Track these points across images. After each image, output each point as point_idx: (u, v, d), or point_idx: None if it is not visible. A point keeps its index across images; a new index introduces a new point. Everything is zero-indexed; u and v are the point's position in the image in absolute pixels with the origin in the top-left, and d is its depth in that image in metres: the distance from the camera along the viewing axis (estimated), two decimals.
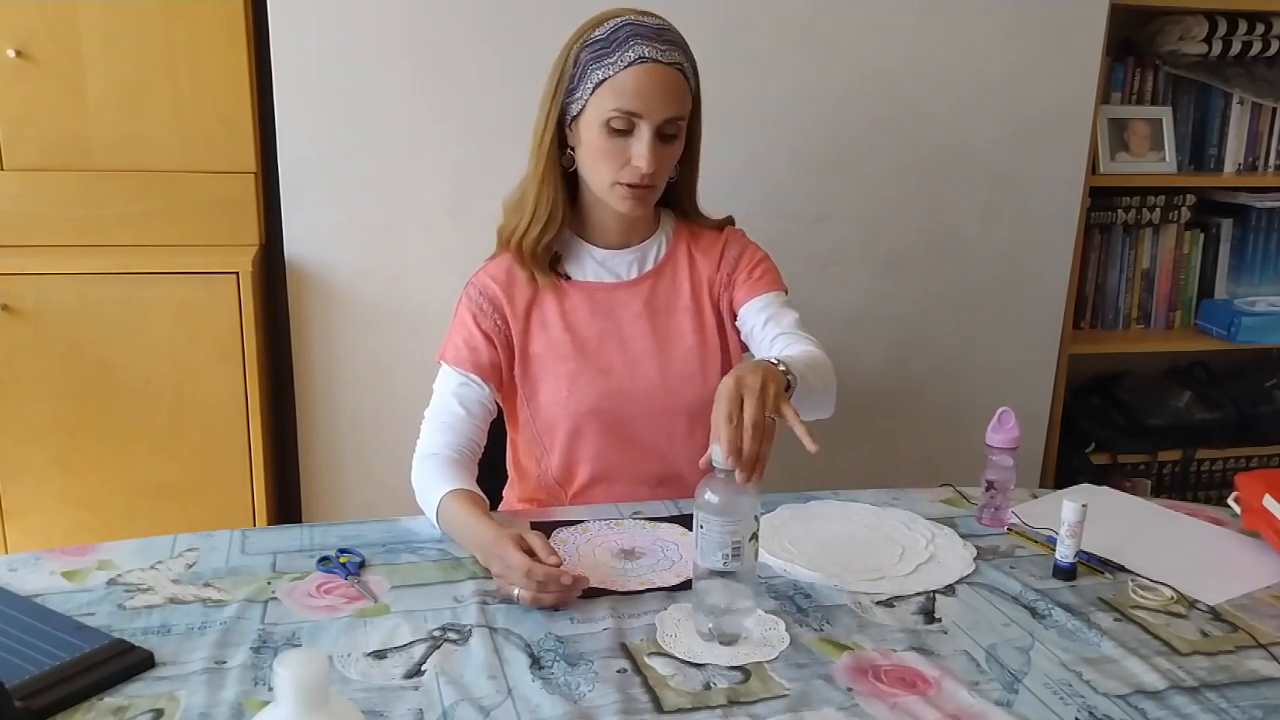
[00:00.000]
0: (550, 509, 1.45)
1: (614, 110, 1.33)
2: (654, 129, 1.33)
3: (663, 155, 1.36)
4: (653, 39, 1.33)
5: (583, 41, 1.36)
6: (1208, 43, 2.39)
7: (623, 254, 1.48)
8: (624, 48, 1.32)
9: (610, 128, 1.34)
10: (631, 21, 1.34)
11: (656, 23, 1.36)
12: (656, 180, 1.38)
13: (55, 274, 1.88)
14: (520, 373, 1.45)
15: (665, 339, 1.47)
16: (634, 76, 1.32)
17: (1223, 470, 2.65)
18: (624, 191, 1.37)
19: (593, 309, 1.46)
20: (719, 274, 1.50)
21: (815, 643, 1.10)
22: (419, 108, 1.99)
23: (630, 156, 1.35)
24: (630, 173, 1.35)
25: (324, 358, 2.07)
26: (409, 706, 0.97)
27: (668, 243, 1.51)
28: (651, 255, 1.50)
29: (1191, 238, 2.59)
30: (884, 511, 1.42)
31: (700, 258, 1.51)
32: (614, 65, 1.32)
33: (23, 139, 1.93)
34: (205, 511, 1.98)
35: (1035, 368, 2.39)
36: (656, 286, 1.48)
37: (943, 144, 2.21)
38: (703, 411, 1.44)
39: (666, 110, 1.33)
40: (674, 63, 1.34)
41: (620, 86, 1.32)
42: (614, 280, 1.47)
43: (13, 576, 1.18)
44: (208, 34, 1.92)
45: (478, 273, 1.48)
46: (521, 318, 1.44)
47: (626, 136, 1.34)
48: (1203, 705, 1.01)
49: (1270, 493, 1.33)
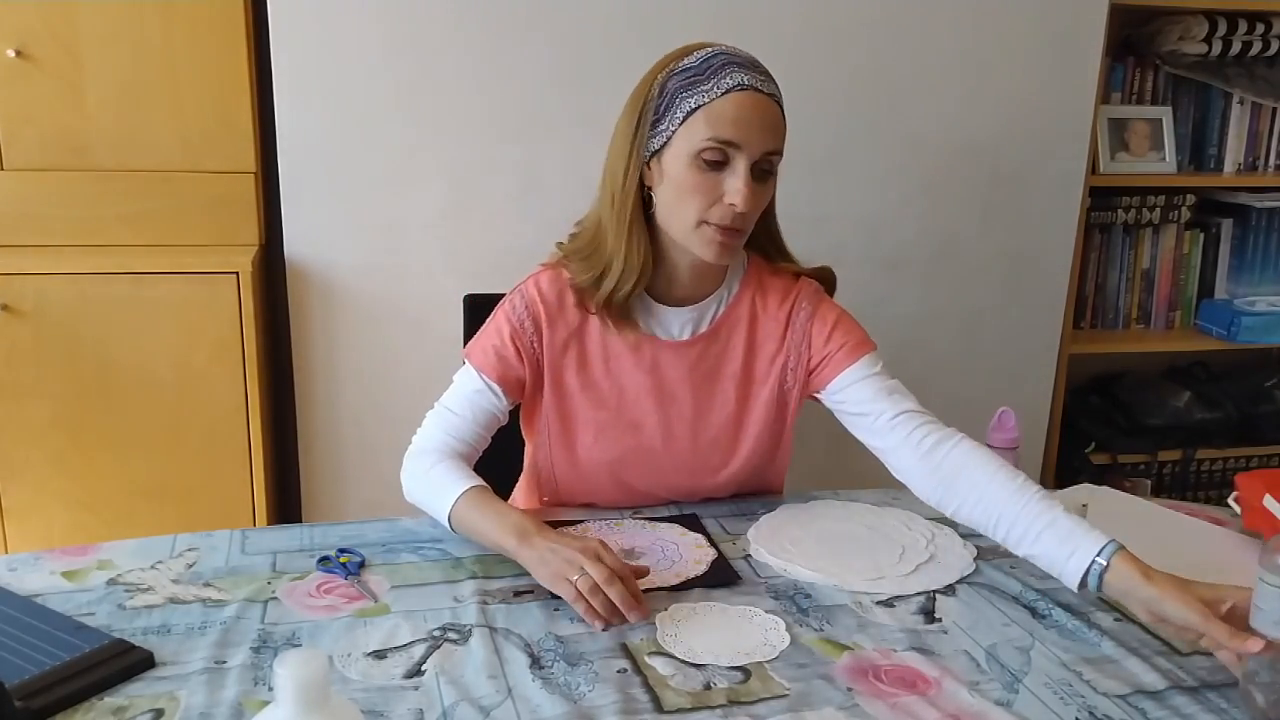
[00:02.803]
0: (550, 509, 1.45)
1: (709, 140, 1.21)
2: (750, 162, 1.22)
3: (758, 195, 1.25)
4: (750, 68, 1.24)
5: (669, 70, 1.25)
6: (1208, 43, 2.39)
7: (679, 312, 1.36)
8: (720, 74, 1.22)
9: (702, 160, 1.22)
10: (725, 51, 1.25)
11: (749, 56, 1.27)
12: (747, 224, 1.27)
13: (55, 274, 1.89)
14: (551, 401, 1.37)
15: (706, 405, 1.38)
16: (733, 103, 1.21)
17: (1223, 470, 2.65)
18: (712, 234, 1.25)
19: (636, 362, 1.36)
20: (784, 348, 1.38)
21: (815, 643, 1.10)
22: (419, 108, 1.99)
23: (724, 193, 1.23)
24: (722, 211, 1.24)
25: (324, 358, 2.07)
26: (409, 706, 0.97)
27: (729, 300, 1.38)
28: (709, 315, 1.38)
29: (1191, 238, 2.59)
30: (884, 511, 1.42)
31: (764, 321, 1.39)
32: (710, 92, 1.21)
33: (23, 139, 1.93)
34: (205, 511, 1.98)
35: (1035, 368, 2.39)
36: (707, 351, 1.38)
37: (943, 144, 2.21)
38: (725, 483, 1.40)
39: (765, 143, 1.23)
40: (772, 94, 1.25)
41: (717, 114, 1.21)
42: (665, 338, 1.37)
43: (13, 576, 1.17)
44: (208, 34, 1.92)
45: (530, 280, 1.37)
46: (559, 347, 1.35)
47: (719, 171, 1.23)
48: (1203, 705, 1.01)
49: (1270, 493, 1.33)
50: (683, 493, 1.43)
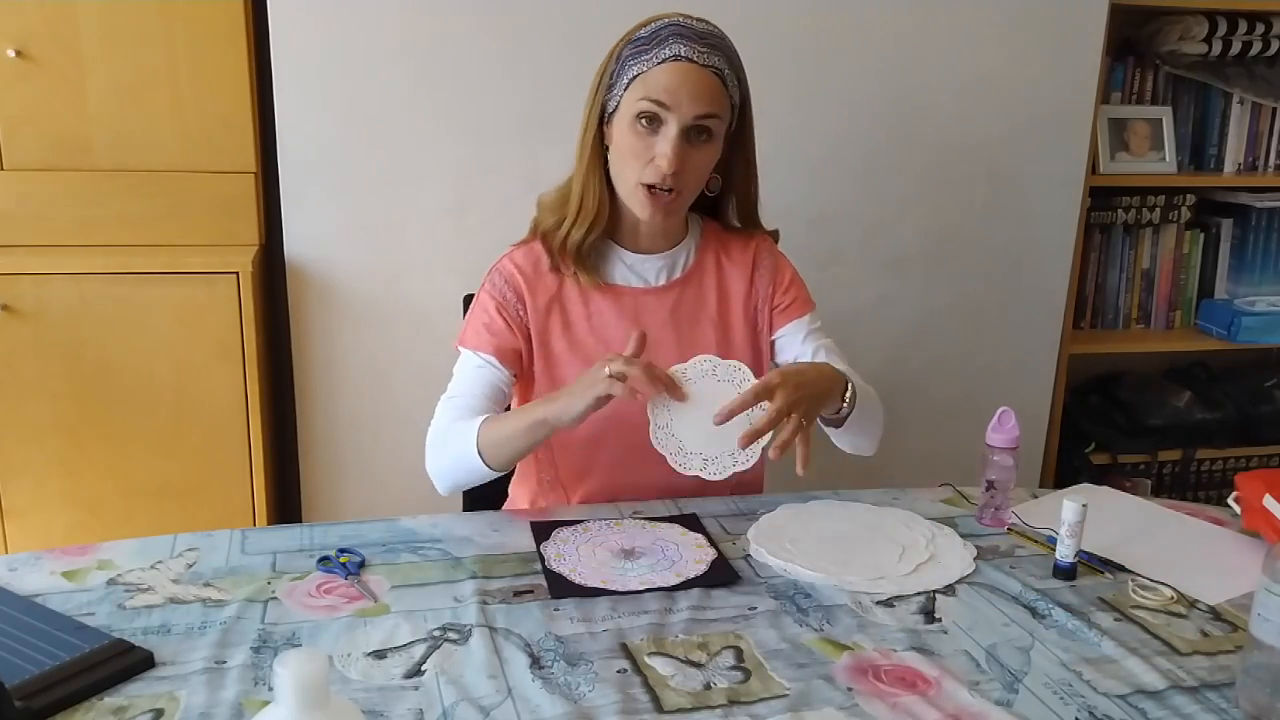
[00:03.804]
0: (551, 509, 1.45)
1: (641, 102, 1.31)
2: (681, 126, 1.30)
3: (689, 158, 1.33)
4: (693, 40, 1.31)
5: (627, 39, 1.35)
6: (1208, 43, 2.39)
7: (651, 259, 1.46)
8: (662, 45, 1.31)
9: (639, 124, 1.32)
10: (676, 23, 1.33)
11: (703, 27, 1.34)
12: (680, 185, 1.34)
13: (55, 274, 1.88)
14: (541, 368, 1.44)
15: (689, 349, 1.40)
16: (666, 72, 1.30)
17: (1223, 470, 2.65)
18: (645, 194, 1.35)
19: (619, 312, 1.44)
20: (754, 288, 1.50)
21: (815, 643, 1.10)
22: (419, 108, 1.99)
23: (654, 155, 1.32)
24: (652, 171, 1.33)
25: (324, 358, 2.07)
26: (409, 706, 0.97)
27: (696, 250, 1.49)
28: (680, 262, 1.48)
29: (1191, 238, 2.59)
30: (884, 511, 1.42)
31: (730, 268, 1.49)
32: (649, 61, 1.31)
33: (23, 139, 1.93)
34: (205, 511, 1.98)
35: (1035, 367, 2.39)
36: (683, 295, 1.47)
37: (942, 144, 2.21)
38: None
39: (695, 108, 1.30)
40: (711, 65, 1.31)
41: (652, 81, 1.30)
42: (642, 285, 1.46)
43: (13, 576, 1.18)
44: (208, 34, 1.92)
45: (503, 259, 1.46)
46: (542, 311, 1.43)
47: (654, 134, 1.32)
48: (1203, 705, 1.01)
49: (1270, 493, 1.33)
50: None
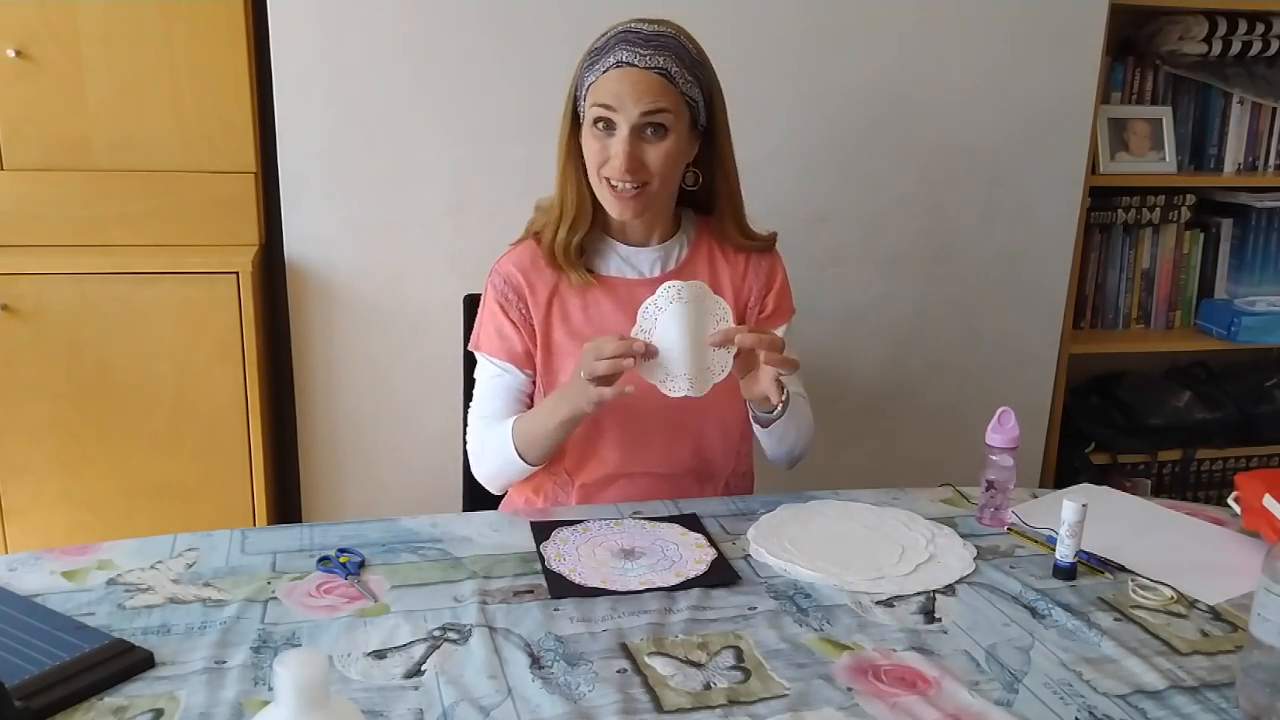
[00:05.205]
0: (551, 509, 1.45)
1: (595, 108, 1.38)
2: (630, 126, 1.37)
3: (646, 154, 1.39)
4: (638, 45, 1.37)
5: (587, 51, 1.42)
6: (1208, 43, 2.39)
7: (645, 251, 1.51)
8: (609, 54, 1.38)
9: (595, 127, 1.39)
10: (625, 30, 1.39)
11: (652, 30, 1.39)
12: (644, 179, 1.40)
13: (55, 274, 1.88)
14: (542, 360, 1.49)
15: None
16: (611, 79, 1.37)
17: (1223, 470, 2.65)
18: (609, 194, 1.42)
19: (615, 303, 1.48)
20: (746, 283, 1.54)
21: (815, 643, 1.10)
22: (419, 108, 1.99)
23: (610, 155, 1.39)
24: (610, 170, 1.40)
25: (324, 358, 2.07)
26: (409, 706, 0.97)
27: (689, 244, 1.53)
28: (674, 255, 1.52)
29: (1191, 238, 2.59)
30: (884, 511, 1.42)
31: (724, 262, 1.54)
32: (598, 70, 1.39)
33: (23, 139, 1.93)
34: (205, 511, 1.98)
35: (1035, 368, 2.39)
36: None
37: (943, 144, 2.21)
38: (715, 411, 1.46)
39: (640, 106, 1.36)
40: (654, 67, 1.37)
41: (600, 89, 1.38)
42: (636, 277, 1.50)
43: (13, 576, 1.18)
44: (208, 34, 1.92)
45: (501, 259, 1.52)
46: (543, 306, 1.48)
47: (610, 136, 1.39)
48: (1203, 705, 1.01)
49: (1270, 493, 1.33)
50: (673, 427, 1.47)
